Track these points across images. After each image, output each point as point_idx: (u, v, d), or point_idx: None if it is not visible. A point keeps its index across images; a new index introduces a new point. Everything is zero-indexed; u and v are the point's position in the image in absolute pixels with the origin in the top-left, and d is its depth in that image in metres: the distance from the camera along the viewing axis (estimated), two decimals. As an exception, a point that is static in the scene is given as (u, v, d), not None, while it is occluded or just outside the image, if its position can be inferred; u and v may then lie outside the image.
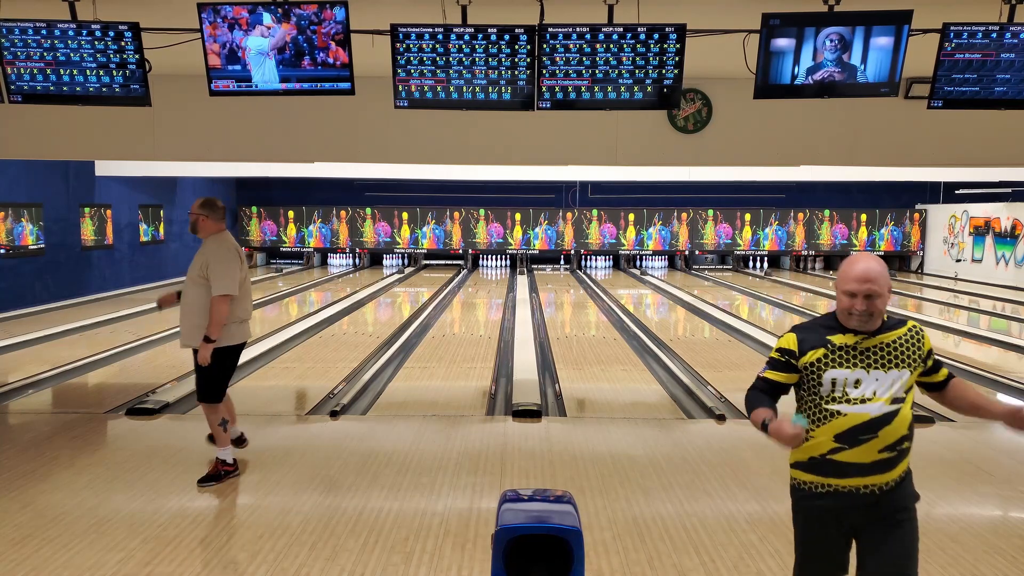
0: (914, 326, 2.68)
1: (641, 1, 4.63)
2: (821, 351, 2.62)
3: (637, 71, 4.78)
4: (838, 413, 2.58)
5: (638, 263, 21.72)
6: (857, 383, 2.58)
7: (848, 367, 2.59)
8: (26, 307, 12.45)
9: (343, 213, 21.48)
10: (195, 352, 4.89)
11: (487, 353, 9.31)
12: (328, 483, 4.93)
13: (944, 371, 2.76)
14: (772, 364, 2.73)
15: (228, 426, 5.05)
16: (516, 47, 4.78)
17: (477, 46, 4.78)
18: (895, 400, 2.57)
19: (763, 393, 2.73)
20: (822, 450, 2.60)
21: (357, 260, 21.80)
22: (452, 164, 12.73)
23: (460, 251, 21.37)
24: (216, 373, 4.92)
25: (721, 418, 6.40)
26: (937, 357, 2.75)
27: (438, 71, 4.82)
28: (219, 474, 4.94)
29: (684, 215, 21.39)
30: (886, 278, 2.60)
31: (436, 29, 4.75)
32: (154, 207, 17.24)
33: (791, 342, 2.69)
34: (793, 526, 2.80)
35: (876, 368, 2.58)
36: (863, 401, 2.56)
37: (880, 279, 2.57)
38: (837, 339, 2.63)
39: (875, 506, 2.62)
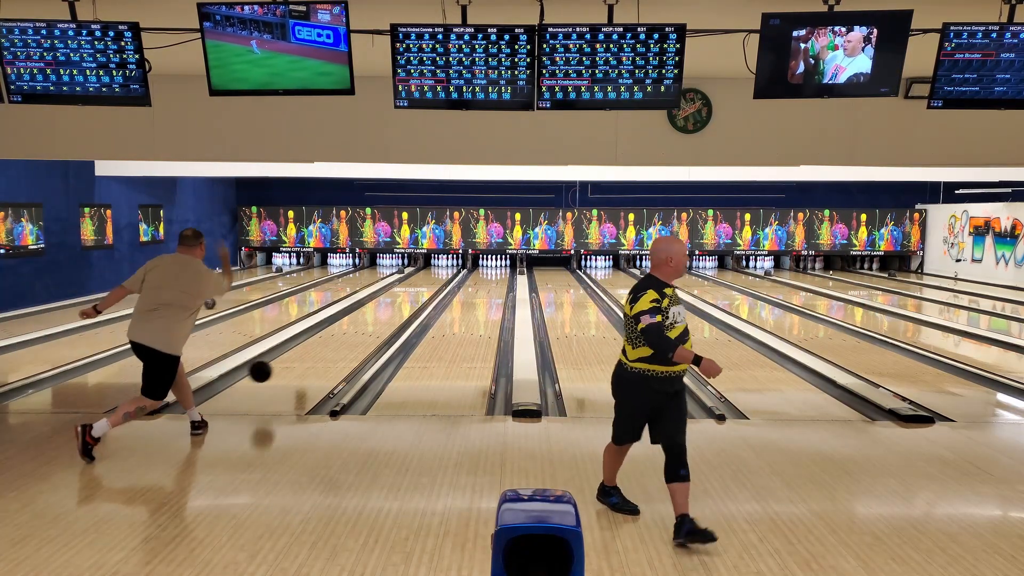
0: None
1: (641, 1, 4.63)
2: (667, 299, 4.20)
3: (637, 71, 4.78)
4: (674, 325, 4.21)
5: (638, 263, 21.72)
6: (679, 313, 4.26)
7: (675, 305, 4.25)
8: (26, 307, 12.45)
9: (343, 213, 21.48)
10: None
11: (487, 353, 9.31)
12: (328, 483, 4.93)
13: None
14: (657, 311, 4.16)
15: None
16: (516, 47, 4.78)
17: (477, 46, 4.78)
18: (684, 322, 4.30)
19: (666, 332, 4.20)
20: None
21: (357, 260, 21.81)
22: (452, 164, 12.74)
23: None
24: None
25: (721, 418, 6.40)
26: None
27: (438, 71, 4.83)
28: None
29: (684, 215, 21.39)
30: None
31: (436, 29, 4.75)
32: (154, 207, 17.24)
33: (656, 295, 4.19)
34: (625, 400, 4.48)
35: (680, 304, 4.30)
36: (682, 320, 4.28)
37: None
38: (667, 291, 4.24)
39: (678, 390, 4.36)
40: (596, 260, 21.65)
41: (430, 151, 6.89)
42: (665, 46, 4.73)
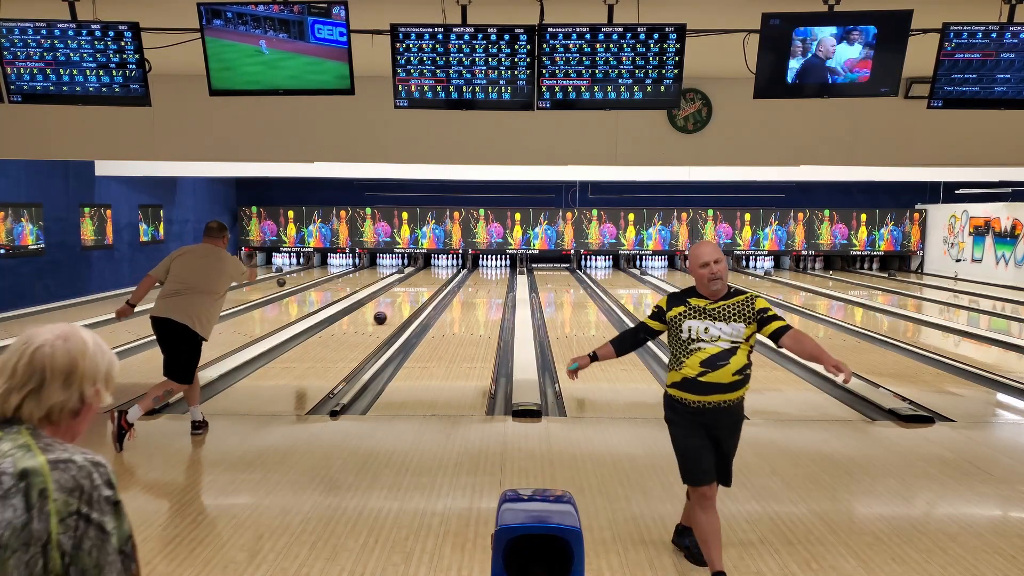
0: (750, 295, 3.64)
1: (641, 1, 4.63)
2: (681, 308, 3.62)
3: (637, 71, 4.77)
4: (700, 348, 3.53)
5: (638, 263, 21.73)
6: (706, 330, 3.55)
7: (700, 320, 3.57)
8: (26, 307, 12.45)
9: (343, 213, 21.49)
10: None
11: (487, 353, 9.31)
12: (328, 483, 4.93)
13: (774, 326, 3.56)
14: (652, 315, 3.77)
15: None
16: (516, 47, 4.78)
17: (477, 46, 4.78)
18: (734, 342, 3.54)
19: (635, 332, 3.86)
20: (692, 373, 3.54)
21: (357, 260, 21.80)
22: (452, 164, 12.74)
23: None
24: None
25: (721, 418, 6.40)
26: (773, 317, 3.57)
27: (438, 71, 4.82)
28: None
29: (684, 215, 21.39)
30: (720, 250, 3.65)
31: (436, 29, 4.75)
32: (154, 207, 17.24)
33: (664, 302, 3.74)
34: (670, 430, 3.74)
35: (720, 321, 3.55)
36: (713, 341, 3.53)
37: (718, 250, 3.63)
38: (693, 301, 3.63)
39: (724, 425, 3.64)
40: (596, 260, 21.65)
41: (430, 151, 6.89)
42: (665, 46, 4.72)
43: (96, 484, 1.51)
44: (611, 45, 4.74)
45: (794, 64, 4.63)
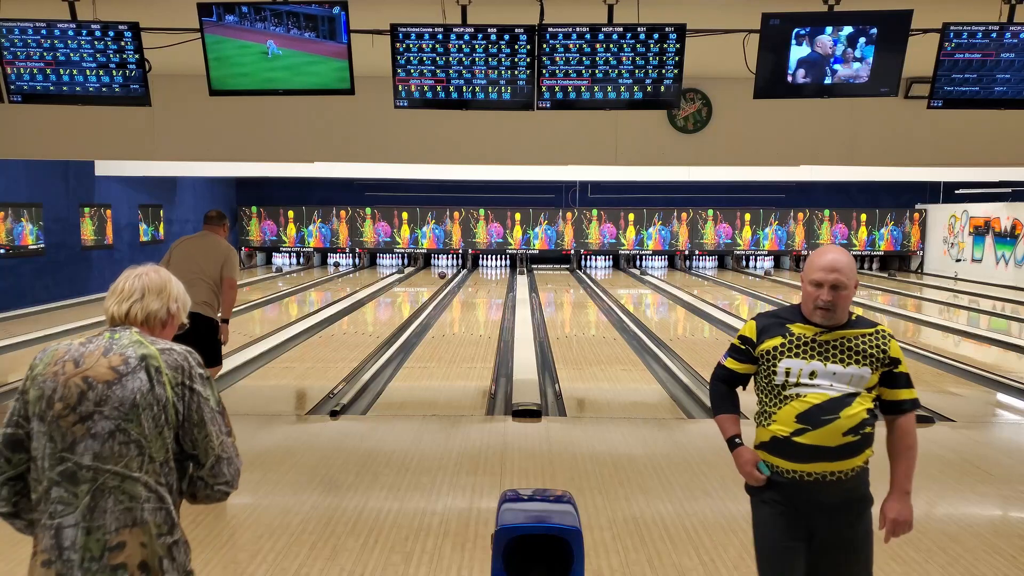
0: (882, 330, 2.60)
1: (641, 1, 4.63)
2: (779, 339, 2.57)
3: (637, 71, 4.77)
4: (797, 395, 2.51)
5: (638, 263, 21.73)
6: (812, 375, 2.50)
7: (804, 358, 2.53)
8: (26, 307, 12.45)
9: (343, 213, 21.48)
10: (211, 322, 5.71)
11: (487, 353, 9.31)
12: (328, 483, 4.93)
13: (907, 395, 2.56)
14: (733, 351, 2.71)
15: None
16: (516, 47, 4.78)
17: (477, 46, 4.77)
18: (852, 392, 2.49)
19: (726, 386, 2.74)
20: (785, 431, 2.52)
21: (357, 260, 21.80)
22: (452, 164, 12.74)
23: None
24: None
25: (721, 418, 6.38)
26: (907, 380, 2.58)
27: (438, 71, 4.82)
28: None
29: (684, 215, 21.39)
30: (853, 271, 2.57)
31: (436, 29, 4.75)
32: (154, 207, 17.24)
33: (751, 329, 2.66)
34: (752, 510, 2.71)
35: (833, 362, 2.51)
36: (820, 387, 2.50)
37: (847, 270, 2.53)
38: (797, 329, 2.57)
39: (836, 508, 2.51)
40: (596, 260, 21.65)
41: (430, 151, 6.88)
42: (665, 46, 4.72)
43: (192, 364, 2.08)
44: (611, 45, 4.74)
45: (794, 64, 4.63)
